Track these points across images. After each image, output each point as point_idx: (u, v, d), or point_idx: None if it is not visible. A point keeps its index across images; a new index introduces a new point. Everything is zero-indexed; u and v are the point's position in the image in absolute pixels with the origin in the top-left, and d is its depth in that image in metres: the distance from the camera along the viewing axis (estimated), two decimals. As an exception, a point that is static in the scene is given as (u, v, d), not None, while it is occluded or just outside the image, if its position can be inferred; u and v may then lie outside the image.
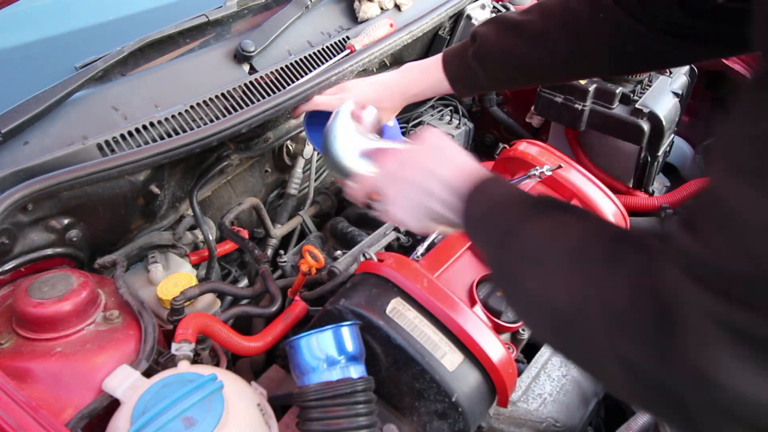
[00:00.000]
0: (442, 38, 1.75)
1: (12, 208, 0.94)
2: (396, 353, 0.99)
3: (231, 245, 1.38)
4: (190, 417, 0.77)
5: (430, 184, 0.78)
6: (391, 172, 0.84)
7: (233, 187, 1.49)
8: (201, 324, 0.99)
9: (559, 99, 1.67)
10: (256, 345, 1.05)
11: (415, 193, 0.79)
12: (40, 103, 1.05)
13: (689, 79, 1.78)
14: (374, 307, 1.01)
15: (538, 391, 1.20)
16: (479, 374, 1.01)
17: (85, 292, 0.93)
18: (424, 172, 0.79)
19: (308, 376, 0.94)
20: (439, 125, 1.85)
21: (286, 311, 1.14)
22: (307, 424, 0.92)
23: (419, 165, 0.80)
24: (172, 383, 0.82)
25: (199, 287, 1.11)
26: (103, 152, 1.08)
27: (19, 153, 1.03)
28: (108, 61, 1.17)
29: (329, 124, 1.05)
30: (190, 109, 1.20)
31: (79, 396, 0.86)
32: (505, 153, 1.43)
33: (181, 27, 1.32)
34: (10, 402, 0.75)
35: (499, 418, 1.15)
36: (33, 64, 1.39)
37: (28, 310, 0.89)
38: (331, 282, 1.19)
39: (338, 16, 1.55)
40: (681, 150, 2.08)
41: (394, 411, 1.05)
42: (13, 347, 0.90)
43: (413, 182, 0.80)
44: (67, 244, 1.09)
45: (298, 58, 1.39)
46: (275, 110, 1.22)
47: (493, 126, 2.11)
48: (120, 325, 0.96)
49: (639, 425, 1.08)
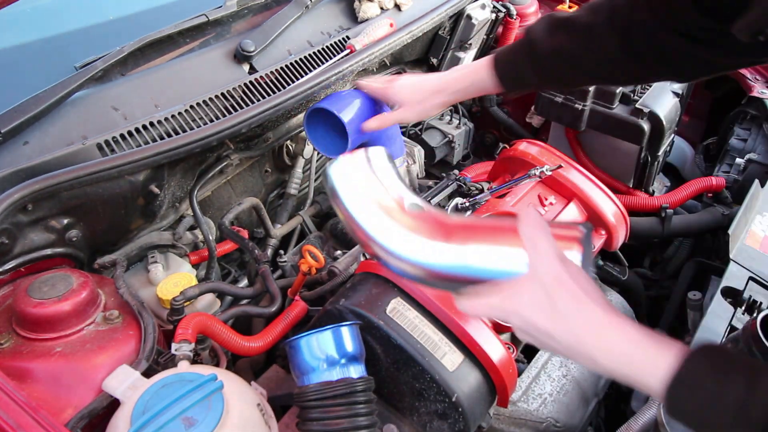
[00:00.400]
0: (442, 38, 1.75)
1: (12, 208, 0.94)
2: (396, 353, 0.99)
3: (231, 245, 1.38)
4: (190, 417, 0.76)
5: (588, 354, 0.62)
6: (524, 321, 0.65)
7: (233, 187, 1.49)
8: (201, 324, 0.98)
9: (559, 99, 1.67)
10: (256, 345, 1.05)
11: (563, 350, 0.64)
12: (40, 103, 1.05)
13: (689, 79, 1.78)
14: (374, 307, 1.01)
15: (539, 391, 1.20)
16: (479, 374, 1.01)
17: (85, 292, 0.93)
18: (570, 336, 0.62)
19: (308, 376, 0.94)
20: (439, 125, 1.85)
21: (286, 311, 1.14)
22: (307, 424, 0.92)
23: (561, 326, 0.63)
24: (172, 383, 0.82)
25: (199, 287, 1.11)
26: (103, 152, 1.08)
27: (19, 153, 1.03)
28: (108, 61, 1.17)
29: (353, 178, 0.76)
30: (190, 109, 1.20)
31: (79, 396, 0.86)
32: (505, 153, 1.43)
33: (181, 27, 1.32)
34: (10, 402, 0.75)
35: (499, 418, 1.15)
36: (33, 64, 1.39)
37: (28, 310, 0.89)
38: (331, 282, 1.19)
39: (338, 16, 1.55)
40: (681, 150, 2.08)
41: (394, 411, 1.05)
42: (13, 347, 0.90)
43: (558, 344, 0.64)
44: (67, 244, 1.09)
45: (298, 58, 1.39)
46: (275, 110, 1.22)
47: (493, 126, 2.11)
48: (120, 325, 0.96)
49: (639, 425, 1.08)
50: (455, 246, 0.69)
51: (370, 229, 0.72)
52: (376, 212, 0.73)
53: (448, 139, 1.84)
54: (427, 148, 1.78)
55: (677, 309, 1.50)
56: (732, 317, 1.17)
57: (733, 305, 1.20)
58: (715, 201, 1.70)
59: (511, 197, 1.30)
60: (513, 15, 1.88)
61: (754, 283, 1.25)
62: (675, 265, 1.69)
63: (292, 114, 1.46)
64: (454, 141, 1.83)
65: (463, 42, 1.79)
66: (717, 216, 1.63)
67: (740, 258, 1.30)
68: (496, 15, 1.85)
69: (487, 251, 0.68)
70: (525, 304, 0.64)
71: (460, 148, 1.88)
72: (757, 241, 1.37)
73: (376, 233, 0.72)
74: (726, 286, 1.23)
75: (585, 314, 0.62)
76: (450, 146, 1.85)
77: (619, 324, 0.62)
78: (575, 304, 0.63)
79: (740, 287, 1.23)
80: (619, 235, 1.35)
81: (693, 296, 1.29)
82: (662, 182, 1.95)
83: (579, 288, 0.63)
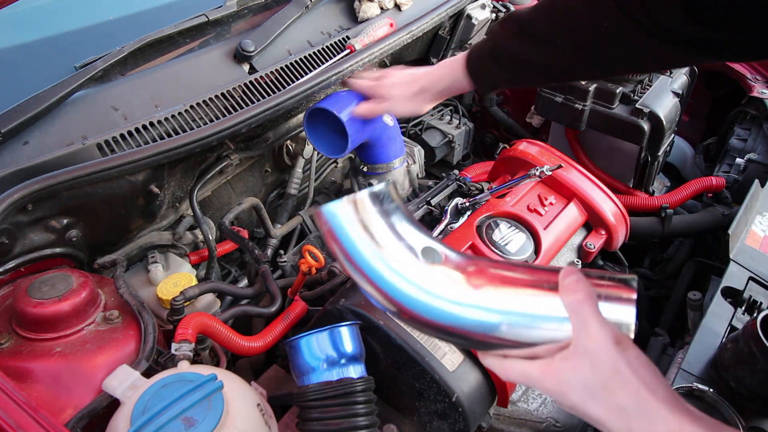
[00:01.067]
0: (442, 38, 1.75)
1: (12, 208, 0.94)
2: (396, 353, 0.99)
3: (231, 245, 1.38)
4: (190, 417, 0.76)
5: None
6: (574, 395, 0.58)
7: (233, 187, 1.49)
8: (201, 324, 0.98)
9: (560, 99, 1.67)
10: (256, 345, 1.05)
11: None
12: (40, 103, 1.05)
13: (689, 79, 1.78)
14: (374, 307, 1.01)
15: (538, 391, 1.20)
16: (479, 374, 1.01)
17: (85, 292, 0.93)
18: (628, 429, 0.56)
19: (308, 376, 0.94)
20: (439, 125, 1.85)
21: (286, 311, 1.14)
22: (307, 424, 0.92)
23: (619, 422, 0.56)
24: (172, 383, 0.82)
25: (199, 287, 1.11)
26: (103, 152, 1.08)
27: (19, 153, 1.03)
28: (108, 61, 1.17)
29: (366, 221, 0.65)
30: (190, 109, 1.20)
31: (78, 396, 0.86)
32: (505, 153, 1.43)
33: (181, 27, 1.32)
34: (10, 402, 0.74)
35: (499, 418, 1.15)
36: (33, 64, 1.39)
37: (28, 310, 0.89)
38: (331, 282, 1.19)
39: (338, 15, 1.55)
40: (681, 150, 2.08)
41: (394, 411, 1.05)
42: (13, 347, 0.90)
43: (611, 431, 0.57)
44: (67, 244, 1.09)
45: (298, 58, 1.39)
46: (275, 110, 1.22)
47: (493, 126, 2.11)
48: (120, 325, 0.96)
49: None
50: (480, 299, 0.60)
51: (382, 284, 0.63)
52: (383, 264, 0.63)
53: (448, 139, 1.84)
54: (427, 148, 1.79)
55: (677, 309, 1.50)
56: (732, 317, 1.17)
57: (733, 305, 1.20)
58: (715, 201, 1.70)
59: (511, 197, 1.30)
60: (513, 15, 1.88)
61: (754, 283, 1.25)
62: (675, 265, 1.68)
63: (292, 114, 1.46)
64: (454, 141, 1.83)
65: (463, 42, 1.79)
66: (717, 216, 1.63)
67: (740, 258, 1.30)
68: (496, 15, 1.85)
69: (522, 309, 0.59)
70: (574, 389, 0.58)
71: (460, 148, 1.88)
72: (757, 241, 1.37)
73: (389, 288, 0.63)
74: (726, 286, 1.23)
75: (648, 415, 0.55)
76: (450, 146, 1.85)
77: (686, 423, 0.55)
78: (636, 402, 0.56)
79: (740, 287, 1.23)
80: (619, 235, 1.35)
81: (693, 296, 1.29)
82: (662, 182, 1.95)
83: (641, 382, 0.56)
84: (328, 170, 1.71)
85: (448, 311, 0.60)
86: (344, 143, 1.27)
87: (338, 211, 0.63)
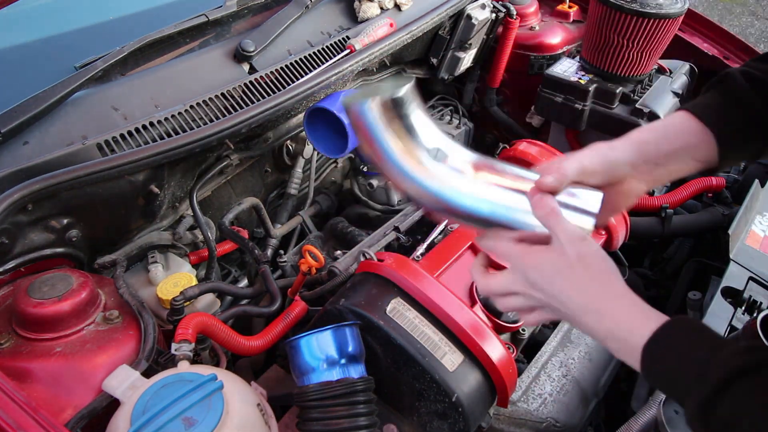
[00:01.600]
0: (442, 38, 1.75)
1: (12, 208, 0.94)
2: (396, 353, 0.99)
3: (231, 245, 1.38)
4: (190, 417, 0.76)
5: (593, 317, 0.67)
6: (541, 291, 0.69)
7: (233, 187, 1.49)
8: (201, 324, 0.98)
9: (559, 99, 1.67)
10: (256, 345, 1.05)
11: (567, 313, 0.69)
12: (40, 103, 1.06)
13: (689, 79, 1.78)
14: (374, 307, 1.01)
15: (538, 391, 1.20)
16: (479, 374, 1.01)
17: (85, 292, 0.93)
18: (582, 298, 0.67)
19: (308, 376, 0.94)
20: (439, 125, 1.85)
21: (286, 311, 1.14)
22: (307, 424, 0.92)
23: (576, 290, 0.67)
24: (172, 383, 0.82)
25: (199, 287, 1.11)
26: (103, 152, 1.08)
27: (19, 153, 1.03)
28: (108, 61, 1.17)
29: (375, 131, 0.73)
30: (190, 109, 1.20)
31: (78, 396, 0.86)
32: (505, 153, 1.43)
33: (181, 27, 1.32)
34: (10, 402, 0.74)
35: (499, 418, 1.15)
36: (33, 64, 1.39)
37: (28, 310, 0.89)
38: (331, 282, 1.19)
39: (338, 15, 1.55)
40: (681, 150, 2.07)
41: (394, 411, 1.05)
42: (13, 347, 0.90)
43: (563, 305, 0.68)
44: (67, 244, 1.09)
45: (298, 58, 1.39)
46: (275, 110, 1.23)
47: (493, 126, 2.11)
48: (120, 325, 0.96)
49: (639, 425, 1.08)
50: (479, 190, 0.73)
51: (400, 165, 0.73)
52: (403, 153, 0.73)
53: (448, 139, 1.83)
54: (427, 148, 1.78)
55: (677, 309, 1.50)
56: (732, 317, 1.17)
57: (733, 305, 1.20)
58: (715, 201, 1.70)
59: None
60: (513, 15, 1.88)
61: (754, 283, 1.25)
62: (675, 265, 1.68)
63: (292, 114, 1.46)
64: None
65: (463, 42, 1.79)
66: (717, 216, 1.63)
67: (740, 258, 1.30)
68: (496, 15, 1.85)
69: (513, 200, 0.72)
70: (545, 267, 0.69)
71: (460, 148, 1.88)
72: (757, 241, 1.37)
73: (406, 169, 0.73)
74: (726, 286, 1.23)
75: (605, 285, 0.68)
76: (450, 146, 1.85)
77: (630, 295, 0.67)
78: (595, 276, 0.68)
79: (740, 287, 1.23)
80: (619, 234, 1.35)
81: (693, 296, 1.29)
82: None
83: (601, 263, 0.68)
84: (328, 170, 1.71)
85: (450, 195, 0.73)
86: (344, 143, 1.28)
87: (370, 107, 0.71)
